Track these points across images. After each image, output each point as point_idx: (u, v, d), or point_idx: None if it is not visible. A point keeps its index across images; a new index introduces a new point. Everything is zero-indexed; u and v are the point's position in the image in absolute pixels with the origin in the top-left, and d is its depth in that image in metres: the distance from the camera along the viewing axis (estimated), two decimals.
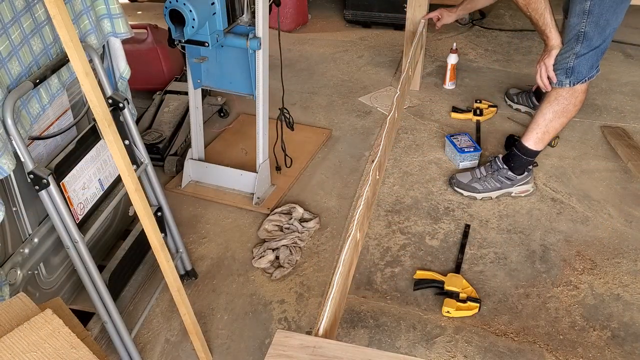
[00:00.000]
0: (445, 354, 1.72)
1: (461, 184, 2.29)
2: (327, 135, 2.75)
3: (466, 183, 2.28)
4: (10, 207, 1.44)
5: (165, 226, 1.83)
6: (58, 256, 1.66)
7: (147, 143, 2.51)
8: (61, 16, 1.07)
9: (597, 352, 1.70)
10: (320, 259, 2.06)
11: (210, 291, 1.95)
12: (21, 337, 0.96)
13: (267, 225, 2.19)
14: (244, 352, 1.74)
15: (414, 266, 2.02)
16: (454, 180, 2.32)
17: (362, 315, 1.84)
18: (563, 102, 2.07)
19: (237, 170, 2.37)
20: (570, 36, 1.96)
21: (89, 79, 1.16)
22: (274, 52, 2.22)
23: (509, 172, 2.25)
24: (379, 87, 3.19)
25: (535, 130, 2.16)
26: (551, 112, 2.10)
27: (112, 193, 1.75)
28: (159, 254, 1.42)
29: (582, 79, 2.02)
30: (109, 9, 1.61)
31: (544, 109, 2.12)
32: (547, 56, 2.04)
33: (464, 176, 2.32)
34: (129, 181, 1.30)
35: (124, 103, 1.61)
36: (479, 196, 2.27)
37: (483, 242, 2.11)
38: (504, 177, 2.26)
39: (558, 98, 2.08)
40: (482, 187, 2.27)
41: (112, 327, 1.56)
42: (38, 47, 1.39)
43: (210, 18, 1.92)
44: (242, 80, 2.20)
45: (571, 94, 2.05)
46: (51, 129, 1.55)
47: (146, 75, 2.94)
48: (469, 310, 1.82)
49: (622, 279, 1.94)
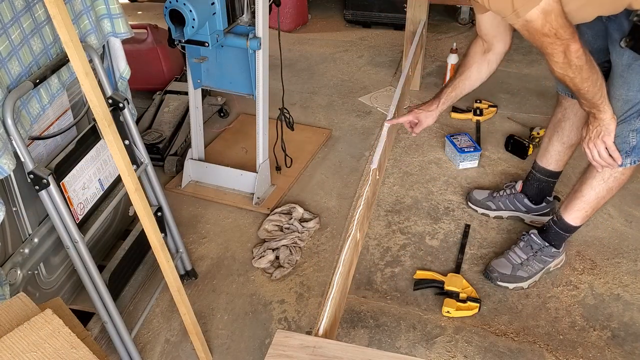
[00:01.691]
0: (445, 354, 1.72)
1: (505, 277, 1.92)
2: (327, 135, 2.75)
3: (510, 274, 1.91)
4: (10, 207, 1.44)
5: (165, 226, 1.83)
6: (58, 256, 1.65)
7: (147, 143, 2.51)
8: (61, 16, 1.07)
9: (597, 352, 1.70)
10: (320, 259, 2.06)
11: (210, 291, 1.95)
12: (21, 337, 0.96)
13: (267, 225, 2.19)
14: (244, 352, 1.74)
15: (414, 266, 2.01)
16: (494, 274, 1.94)
17: (362, 315, 1.84)
18: (620, 178, 1.73)
19: (237, 170, 2.37)
20: (631, 112, 1.58)
21: (89, 79, 1.16)
22: (274, 52, 2.22)
23: (552, 249, 1.92)
24: (379, 87, 3.19)
25: (584, 208, 1.81)
26: (605, 189, 1.75)
27: (112, 193, 1.75)
28: (159, 254, 1.42)
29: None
30: (109, 9, 1.61)
31: (595, 185, 1.75)
32: (604, 133, 1.61)
33: (502, 265, 1.94)
34: (129, 181, 1.30)
35: (124, 103, 1.61)
36: (525, 284, 1.92)
37: (483, 242, 2.11)
38: (547, 256, 1.93)
39: (614, 175, 1.72)
40: (527, 273, 1.92)
41: (112, 327, 1.56)
42: (38, 47, 1.39)
43: (210, 18, 1.92)
44: (242, 80, 2.20)
45: (630, 169, 1.70)
46: (51, 129, 1.55)
47: (146, 75, 2.94)
48: (469, 310, 1.82)
49: (622, 279, 1.94)
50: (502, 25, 1.64)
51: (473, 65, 1.78)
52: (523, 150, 2.54)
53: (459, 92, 1.84)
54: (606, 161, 1.65)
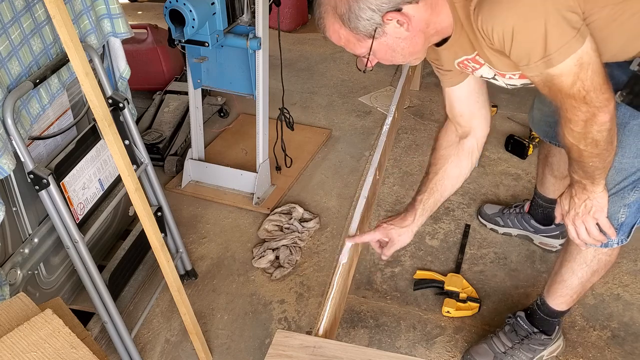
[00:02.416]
0: (445, 354, 1.72)
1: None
2: (327, 135, 2.75)
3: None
4: (10, 207, 1.44)
5: (165, 226, 1.83)
6: (58, 256, 1.65)
7: (147, 143, 2.51)
8: (61, 16, 1.07)
9: (597, 352, 1.70)
10: (320, 259, 2.06)
11: (210, 291, 1.95)
12: (21, 337, 0.96)
13: (267, 225, 2.19)
14: (244, 352, 1.74)
15: (414, 266, 2.01)
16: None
17: (362, 315, 1.84)
18: (605, 260, 1.45)
19: (237, 170, 2.36)
20: (625, 183, 1.29)
21: (89, 79, 1.16)
22: (274, 52, 2.22)
23: (542, 336, 1.62)
24: (379, 87, 3.19)
25: (568, 294, 1.54)
26: (589, 273, 1.47)
27: (112, 193, 1.75)
28: (159, 254, 1.42)
29: (631, 230, 1.38)
30: (109, 9, 1.61)
31: (577, 269, 1.47)
32: (596, 209, 1.30)
33: (482, 353, 1.66)
34: (129, 181, 1.30)
35: (124, 103, 1.61)
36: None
37: (483, 242, 2.11)
38: (537, 344, 1.63)
39: (598, 257, 1.44)
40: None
41: (112, 327, 1.56)
42: (38, 47, 1.39)
43: (210, 18, 1.92)
44: (242, 80, 2.20)
45: (615, 249, 1.43)
46: (51, 129, 1.55)
47: (146, 75, 2.94)
48: (469, 310, 1.82)
49: (622, 279, 1.94)
50: (481, 99, 1.35)
51: (450, 160, 1.41)
52: (523, 150, 2.54)
53: (438, 197, 1.44)
54: (596, 239, 1.34)
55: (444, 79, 1.33)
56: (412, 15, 1.08)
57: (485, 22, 1.03)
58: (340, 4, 1.07)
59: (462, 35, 1.14)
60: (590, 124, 1.08)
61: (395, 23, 1.08)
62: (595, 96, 1.05)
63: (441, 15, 1.11)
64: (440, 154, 1.43)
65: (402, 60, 1.19)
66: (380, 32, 1.09)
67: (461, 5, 1.09)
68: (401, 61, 1.20)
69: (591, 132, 1.10)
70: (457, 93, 1.35)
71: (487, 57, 1.14)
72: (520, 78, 1.20)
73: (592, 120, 1.08)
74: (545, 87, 1.08)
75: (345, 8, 1.06)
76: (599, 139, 1.12)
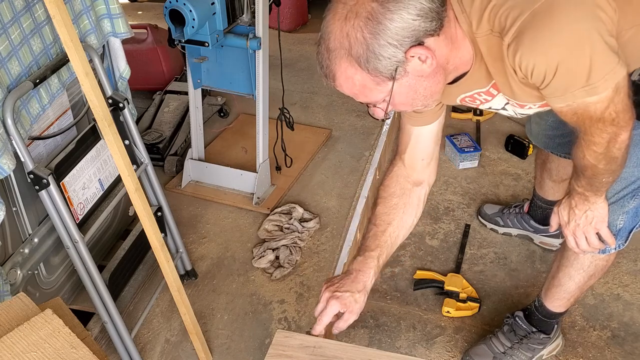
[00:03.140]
0: (445, 354, 1.72)
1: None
2: (327, 135, 2.75)
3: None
4: (10, 207, 1.44)
5: (165, 226, 1.83)
6: (58, 256, 1.65)
7: (147, 143, 2.51)
8: (61, 16, 1.07)
9: (597, 352, 1.70)
10: (320, 259, 2.06)
11: (210, 291, 1.95)
12: (21, 337, 0.96)
13: (267, 225, 2.19)
14: (244, 352, 1.74)
15: (414, 266, 2.01)
16: None
17: (362, 315, 1.83)
18: (602, 265, 1.44)
19: (237, 170, 2.36)
20: (625, 192, 1.29)
21: (89, 79, 1.16)
22: (274, 52, 2.22)
23: (541, 335, 1.62)
24: None
25: (565, 297, 1.54)
26: (586, 277, 1.47)
27: (112, 193, 1.75)
28: (159, 254, 1.42)
29: (628, 235, 1.37)
30: (108, 9, 1.61)
31: (574, 274, 1.47)
32: (597, 220, 1.29)
33: (482, 353, 1.66)
34: (129, 181, 1.30)
35: (124, 103, 1.61)
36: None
37: (483, 242, 2.11)
38: (536, 344, 1.63)
39: (595, 262, 1.44)
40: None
41: (112, 327, 1.56)
42: (38, 47, 1.39)
43: (210, 18, 1.92)
44: (242, 80, 2.20)
45: (613, 254, 1.42)
46: (51, 129, 1.55)
47: (146, 75, 2.94)
48: (469, 310, 1.82)
49: (622, 279, 1.94)
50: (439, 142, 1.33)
51: (402, 210, 1.33)
52: (523, 150, 2.54)
53: (390, 250, 1.32)
54: (595, 248, 1.34)
55: (415, 117, 1.25)
56: (434, 50, 0.98)
57: (526, 59, 0.95)
58: (356, 45, 0.96)
59: (480, 70, 1.08)
60: (612, 143, 1.07)
61: (417, 60, 0.98)
62: (623, 117, 1.02)
63: (461, 49, 1.04)
64: (393, 202, 1.33)
65: (421, 104, 1.09)
66: (401, 72, 0.98)
67: (485, 39, 1.01)
68: (420, 105, 1.09)
69: (612, 150, 1.09)
70: (424, 134, 1.28)
71: (510, 89, 1.07)
72: (541, 107, 1.15)
73: (614, 140, 1.06)
74: (574, 116, 1.03)
75: (363, 48, 0.95)
76: (618, 156, 1.11)
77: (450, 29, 1.01)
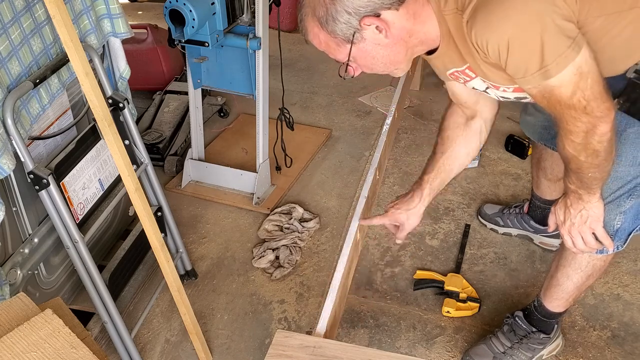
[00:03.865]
0: (445, 354, 1.72)
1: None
2: (327, 135, 2.75)
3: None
4: (10, 207, 1.44)
5: (165, 226, 1.83)
6: (58, 256, 1.65)
7: (147, 143, 2.51)
8: (61, 16, 1.07)
9: (597, 352, 1.70)
10: (320, 259, 2.06)
11: (210, 291, 1.95)
12: (21, 337, 0.96)
13: (267, 225, 2.19)
14: (244, 352, 1.74)
15: (414, 266, 2.01)
16: None
17: (362, 315, 1.84)
18: (600, 265, 1.44)
19: (237, 170, 2.37)
20: (621, 192, 1.28)
21: (89, 79, 1.16)
22: (274, 52, 2.22)
23: (541, 335, 1.62)
24: (379, 87, 3.19)
25: (564, 297, 1.54)
26: (584, 277, 1.47)
27: (112, 193, 1.75)
28: (159, 254, 1.42)
29: (627, 237, 1.36)
30: (108, 9, 1.61)
31: (572, 274, 1.47)
32: (592, 219, 1.29)
33: (482, 353, 1.66)
34: (129, 181, 1.30)
35: (124, 103, 1.61)
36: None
37: (483, 242, 2.11)
38: (536, 343, 1.63)
39: (592, 263, 1.44)
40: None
41: (112, 327, 1.56)
42: (38, 47, 1.39)
43: (210, 18, 1.92)
44: (242, 80, 2.20)
45: (610, 255, 1.42)
46: (51, 129, 1.55)
47: (146, 75, 2.94)
48: (469, 310, 1.82)
49: (622, 279, 1.94)
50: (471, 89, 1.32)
51: (458, 140, 1.42)
52: (523, 150, 2.54)
53: (445, 177, 1.45)
54: (592, 247, 1.34)
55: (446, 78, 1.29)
56: (391, 22, 1.05)
57: (480, 35, 1.00)
58: (319, 7, 1.05)
59: (451, 48, 1.12)
60: (591, 134, 1.06)
61: (374, 29, 1.06)
62: (596, 106, 1.02)
63: (426, 25, 1.09)
64: (447, 134, 1.42)
65: (383, 70, 1.18)
66: (358, 38, 1.07)
67: (452, 17, 1.06)
68: (382, 70, 1.18)
69: (592, 143, 1.08)
70: (457, 86, 1.33)
71: (481, 70, 1.11)
72: (515, 91, 1.17)
73: (592, 131, 1.06)
74: (543, 100, 1.05)
75: (324, 11, 1.05)
76: (600, 150, 1.10)
77: (416, 5, 1.07)
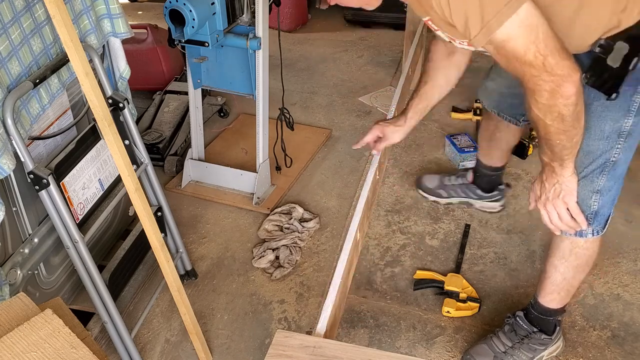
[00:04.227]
0: (445, 354, 1.72)
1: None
2: (327, 135, 2.75)
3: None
4: (10, 207, 1.44)
5: (165, 226, 1.83)
6: (58, 256, 1.65)
7: (147, 143, 2.51)
8: (61, 16, 1.07)
9: (597, 352, 1.70)
10: (320, 259, 2.06)
11: (210, 291, 1.95)
12: (21, 337, 0.96)
13: (267, 225, 2.19)
14: (244, 352, 1.74)
15: (414, 266, 2.01)
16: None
17: (362, 315, 1.84)
18: (584, 254, 1.45)
19: (237, 170, 2.37)
20: (593, 167, 1.31)
21: (89, 79, 1.16)
22: (274, 52, 2.22)
23: (542, 335, 1.62)
24: (379, 87, 3.19)
25: (555, 291, 1.55)
26: (571, 269, 1.49)
27: (112, 193, 1.75)
28: (159, 254, 1.42)
29: (606, 221, 1.40)
30: (109, 9, 1.61)
31: (558, 265, 1.49)
32: (565, 193, 1.32)
33: (482, 353, 1.66)
34: (129, 181, 1.30)
35: (124, 103, 1.61)
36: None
37: (483, 242, 2.11)
38: (537, 344, 1.63)
39: (575, 250, 1.44)
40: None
41: (112, 327, 1.56)
42: (38, 47, 1.39)
43: (210, 18, 1.92)
44: (242, 80, 2.20)
45: (592, 242, 1.43)
46: (51, 129, 1.55)
47: (146, 75, 2.94)
48: (469, 310, 1.82)
49: (622, 279, 1.94)
50: None
51: (439, 71, 1.57)
52: (523, 150, 2.54)
53: (427, 103, 1.61)
54: (568, 224, 1.36)
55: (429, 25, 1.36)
56: None
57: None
58: None
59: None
60: (555, 95, 1.06)
61: None
62: (554, 62, 1.02)
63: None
64: (431, 65, 1.58)
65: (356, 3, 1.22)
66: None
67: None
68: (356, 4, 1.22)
69: (557, 105, 1.09)
70: None
71: (439, 25, 1.15)
72: (469, 45, 1.18)
73: (556, 91, 1.06)
74: (502, 58, 1.07)
75: None
76: (565, 114, 1.10)
77: None
